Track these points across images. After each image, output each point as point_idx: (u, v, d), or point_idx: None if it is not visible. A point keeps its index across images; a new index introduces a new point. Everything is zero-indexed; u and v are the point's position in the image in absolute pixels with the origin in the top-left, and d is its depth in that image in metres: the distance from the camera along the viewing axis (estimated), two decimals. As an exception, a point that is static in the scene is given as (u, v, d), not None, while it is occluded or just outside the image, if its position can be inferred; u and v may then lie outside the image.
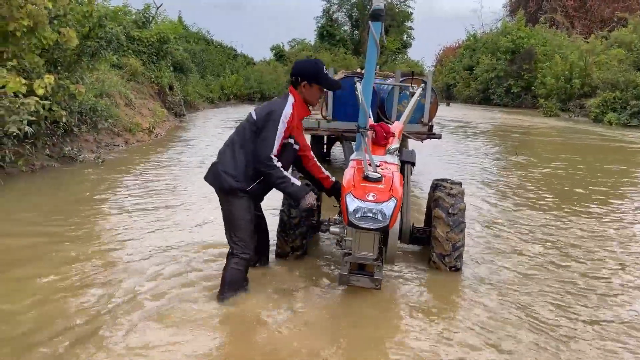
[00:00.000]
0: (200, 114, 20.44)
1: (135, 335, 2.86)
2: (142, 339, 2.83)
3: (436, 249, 3.87)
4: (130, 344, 2.77)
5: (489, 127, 18.73)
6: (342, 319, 3.23)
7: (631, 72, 22.26)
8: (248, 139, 3.43)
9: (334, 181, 3.84)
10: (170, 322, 3.02)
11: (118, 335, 2.85)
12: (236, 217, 3.49)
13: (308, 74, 3.47)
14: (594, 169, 9.55)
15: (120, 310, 3.15)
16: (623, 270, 4.24)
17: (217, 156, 3.55)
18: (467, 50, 41.74)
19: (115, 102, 10.99)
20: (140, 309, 3.18)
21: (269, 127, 3.34)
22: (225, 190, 3.45)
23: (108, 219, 5.15)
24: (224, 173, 3.43)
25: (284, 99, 3.49)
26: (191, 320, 3.06)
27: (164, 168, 8.02)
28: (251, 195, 3.49)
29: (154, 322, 3.02)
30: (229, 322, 3.11)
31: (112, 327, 2.94)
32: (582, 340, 3.03)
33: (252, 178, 3.44)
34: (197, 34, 29.97)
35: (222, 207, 3.57)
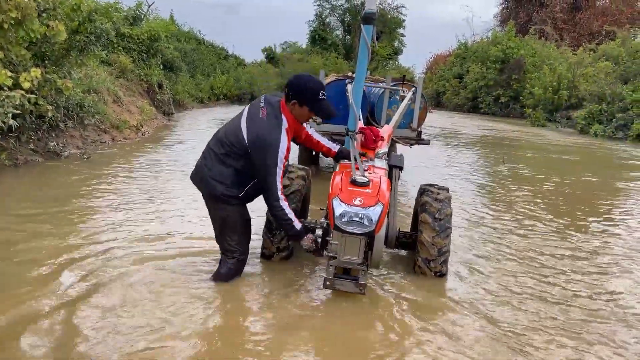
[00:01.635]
0: (190, 113, 20.33)
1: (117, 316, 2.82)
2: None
3: (422, 254, 3.86)
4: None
5: (478, 136, 18.86)
6: (323, 323, 3.21)
7: (617, 85, 22.55)
8: (236, 153, 3.31)
9: (338, 150, 3.84)
10: (151, 313, 2.98)
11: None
12: (232, 223, 3.49)
13: (303, 97, 3.28)
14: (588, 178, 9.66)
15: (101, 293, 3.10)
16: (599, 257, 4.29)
17: (202, 159, 3.49)
18: (457, 58, 42.02)
19: (103, 99, 10.88)
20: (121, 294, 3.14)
21: (270, 171, 3.20)
22: (216, 197, 3.42)
23: (89, 215, 5.08)
24: (212, 180, 3.39)
25: (277, 123, 3.26)
26: (172, 319, 3.02)
27: (149, 166, 7.95)
28: (243, 199, 3.48)
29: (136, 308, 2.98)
30: (210, 322, 3.08)
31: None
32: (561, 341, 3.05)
33: (243, 184, 3.41)
34: (189, 34, 29.82)
35: (214, 212, 3.54)
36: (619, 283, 4.21)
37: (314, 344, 2.93)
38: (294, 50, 45.10)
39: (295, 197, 3.95)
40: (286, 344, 2.87)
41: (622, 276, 4.38)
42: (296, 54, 42.24)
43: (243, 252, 3.60)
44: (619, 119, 20.43)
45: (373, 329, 3.16)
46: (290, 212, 3.38)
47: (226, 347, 2.82)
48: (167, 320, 3.01)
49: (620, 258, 4.86)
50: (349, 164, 3.58)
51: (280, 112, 3.32)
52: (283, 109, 3.33)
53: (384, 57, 45.90)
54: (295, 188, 3.97)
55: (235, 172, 3.37)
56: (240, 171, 3.36)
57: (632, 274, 4.43)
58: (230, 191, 3.39)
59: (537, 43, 35.30)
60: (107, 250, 4.09)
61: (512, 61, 33.10)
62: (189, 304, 3.24)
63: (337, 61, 39.81)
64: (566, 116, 25.53)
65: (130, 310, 3.10)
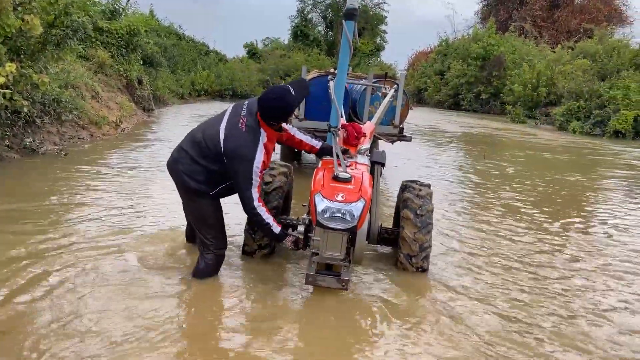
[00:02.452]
0: (170, 109, 20.10)
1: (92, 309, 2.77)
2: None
3: (404, 250, 3.87)
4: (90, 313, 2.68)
5: (459, 133, 19.01)
6: (304, 318, 3.20)
7: (595, 82, 22.93)
8: (211, 157, 3.30)
9: (320, 147, 3.82)
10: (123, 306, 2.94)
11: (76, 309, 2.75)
12: (207, 216, 3.48)
13: (277, 116, 3.28)
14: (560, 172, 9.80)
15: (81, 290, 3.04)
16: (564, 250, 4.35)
17: (177, 152, 3.47)
18: (438, 55, 42.26)
19: (81, 94, 10.67)
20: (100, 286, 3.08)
21: (246, 185, 3.22)
22: (190, 190, 3.41)
23: (65, 212, 4.98)
24: (186, 176, 3.38)
25: (254, 138, 3.23)
26: (147, 315, 2.98)
27: (127, 163, 7.83)
28: (216, 196, 3.47)
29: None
30: (189, 320, 3.04)
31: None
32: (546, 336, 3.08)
33: (216, 183, 3.40)
34: (169, 28, 29.46)
35: (189, 205, 3.54)
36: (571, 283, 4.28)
37: (295, 340, 2.91)
38: (276, 46, 44.82)
39: (277, 194, 3.93)
40: (267, 340, 2.85)
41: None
42: (278, 50, 42.03)
43: (220, 247, 3.57)
44: (596, 116, 20.77)
45: (355, 325, 3.15)
46: (269, 216, 3.38)
47: (205, 344, 2.79)
48: (144, 319, 2.96)
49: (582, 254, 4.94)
50: (331, 160, 3.57)
51: (259, 126, 3.29)
52: (262, 125, 3.31)
53: (366, 54, 45.91)
54: (277, 185, 3.95)
55: (209, 172, 3.36)
56: (214, 172, 3.35)
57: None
58: (203, 187, 3.38)
59: (517, 40, 35.71)
60: (78, 246, 4.02)
61: (492, 58, 33.42)
62: (166, 300, 3.20)
63: (319, 57, 39.69)
64: (545, 113, 25.88)
65: (106, 307, 3.05)
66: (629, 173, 10.53)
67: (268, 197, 3.87)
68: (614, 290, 3.99)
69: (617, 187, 8.83)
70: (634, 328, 3.34)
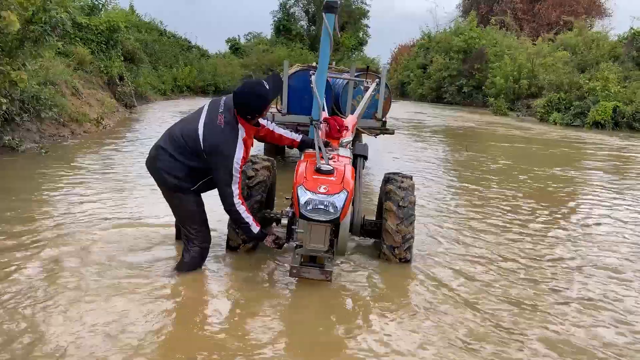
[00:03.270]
0: (152, 105, 19.93)
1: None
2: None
3: (387, 241, 3.91)
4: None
5: (442, 126, 19.14)
6: (290, 312, 3.23)
7: (575, 74, 23.24)
8: (190, 153, 3.32)
9: (301, 140, 3.86)
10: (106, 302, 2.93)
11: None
12: (189, 212, 3.51)
13: (252, 110, 3.30)
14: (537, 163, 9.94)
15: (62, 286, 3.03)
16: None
17: (155, 151, 3.47)
18: (421, 49, 42.45)
19: (61, 91, 10.54)
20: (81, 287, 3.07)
21: (226, 181, 3.25)
22: (171, 187, 3.43)
23: (44, 210, 4.93)
24: (165, 173, 3.39)
25: (233, 134, 3.26)
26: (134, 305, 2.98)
27: (109, 160, 7.77)
28: (197, 191, 3.50)
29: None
30: (174, 314, 3.05)
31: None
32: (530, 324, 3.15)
33: (196, 179, 3.43)
34: (150, 24, 29.15)
35: (170, 202, 3.55)
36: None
37: (280, 333, 2.93)
38: (259, 41, 44.63)
39: (260, 188, 3.94)
40: (252, 333, 2.87)
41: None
42: (261, 45, 41.85)
43: (204, 240, 3.59)
44: (576, 107, 21.07)
45: (339, 315, 3.19)
46: (248, 215, 3.40)
47: (190, 339, 2.79)
48: (127, 314, 2.96)
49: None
50: (314, 152, 3.59)
51: (237, 122, 3.32)
52: (240, 121, 3.34)
53: (349, 48, 45.94)
54: (260, 179, 3.95)
55: (189, 168, 3.38)
56: (193, 168, 3.37)
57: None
58: (183, 184, 3.41)
59: (498, 33, 35.99)
60: (59, 242, 3.99)
61: (474, 51, 33.68)
62: (150, 295, 3.20)
63: (302, 52, 39.63)
64: (526, 105, 26.17)
65: (91, 302, 3.04)
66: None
67: (251, 192, 3.88)
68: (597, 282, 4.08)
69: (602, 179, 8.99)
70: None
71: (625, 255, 4.66)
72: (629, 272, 4.21)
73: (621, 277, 4.09)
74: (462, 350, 2.83)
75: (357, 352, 2.76)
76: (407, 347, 2.83)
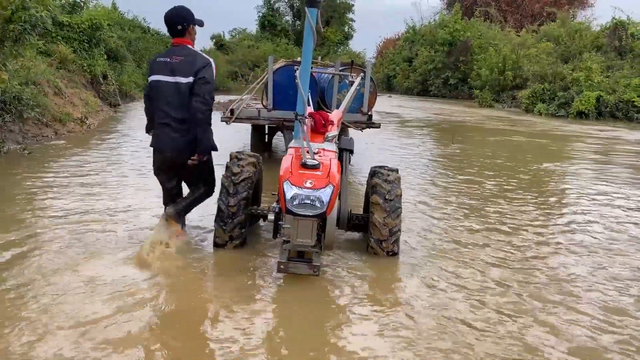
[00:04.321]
0: (137, 104, 19.69)
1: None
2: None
3: (374, 235, 3.92)
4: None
5: (429, 119, 19.21)
6: (278, 304, 3.23)
7: (558, 64, 23.40)
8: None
9: None
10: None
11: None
12: (211, 167, 4.05)
13: (190, 17, 3.82)
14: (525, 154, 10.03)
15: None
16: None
17: (163, 133, 3.82)
18: (406, 42, 42.42)
19: (44, 91, 10.40)
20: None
21: (210, 89, 3.72)
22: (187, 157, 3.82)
23: (27, 211, 4.88)
24: (180, 147, 3.79)
25: (197, 57, 3.74)
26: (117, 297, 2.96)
27: (93, 160, 7.68)
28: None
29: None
30: (162, 309, 3.03)
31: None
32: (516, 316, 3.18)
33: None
34: (133, 22, 28.82)
35: (194, 167, 3.84)
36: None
37: (269, 329, 2.93)
38: (244, 37, 44.37)
39: (246, 185, 3.92)
40: (240, 330, 2.86)
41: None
42: (246, 41, 41.61)
43: (214, 183, 4.17)
44: (560, 98, 21.23)
45: (327, 309, 3.20)
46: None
47: (177, 334, 2.78)
48: (112, 309, 2.94)
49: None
50: (299, 147, 3.59)
51: (195, 51, 3.81)
52: (189, 43, 3.84)
53: (334, 43, 45.84)
54: (245, 175, 3.93)
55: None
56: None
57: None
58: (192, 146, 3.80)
59: (483, 25, 36.08)
60: (33, 243, 3.95)
61: (459, 44, 33.74)
62: (135, 290, 3.19)
63: (287, 47, 39.48)
64: (512, 96, 26.30)
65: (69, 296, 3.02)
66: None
67: (237, 188, 3.87)
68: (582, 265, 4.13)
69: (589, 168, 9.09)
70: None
71: (599, 229, 4.72)
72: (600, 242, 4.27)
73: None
74: (451, 342, 2.85)
75: (346, 346, 2.77)
76: (396, 339, 2.85)
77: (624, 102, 19.36)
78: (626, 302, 3.44)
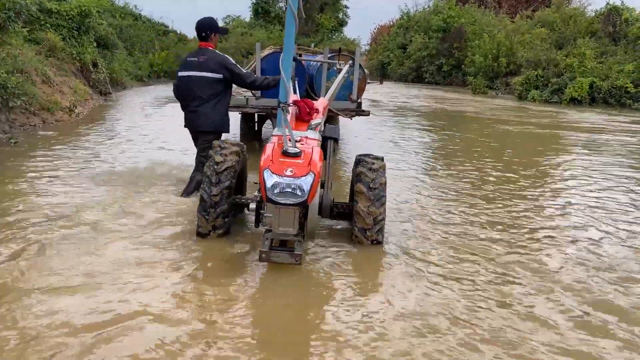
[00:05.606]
0: (129, 92, 19.58)
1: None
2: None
3: (358, 224, 3.90)
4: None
5: (422, 107, 19.16)
6: (261, 293, 3.21)
7: (552, 51, 23.36)
8: (222, 91, 4.89)
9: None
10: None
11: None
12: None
13: (214, 26, 5.05)
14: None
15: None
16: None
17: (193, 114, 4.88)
18: (400, 28, 42.26)
19: (31, 79, 10.27)
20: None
21: (239, 71, 4.91)
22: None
23: (12, 201, 4.83)
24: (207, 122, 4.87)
25: (217, 56, 4.88)
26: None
27: (81, 149, 7.61)
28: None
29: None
30: (144, 301, 3.01)
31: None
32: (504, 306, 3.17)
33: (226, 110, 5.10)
34: (124, 9, 28.52)
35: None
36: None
37: (251, 318, 2.92)
38: (237, 24, 43.96)
39: (229, 174, 3.88)
40: (223, 320, 2.84)
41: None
42: (239, 28, 41.23)
43: None
44: (554, 84, 21.22)
45: (312, 300, 3.19)
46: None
47: (161, 325, 2.76)
48: (96, 302, 2.92)
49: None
50: (281, 135, 3.55)
51: (214, 49, 5.00)
52: (211, 47, 4.98)
53: (328, 29, 45.52)
54: (228, 165, 3.89)
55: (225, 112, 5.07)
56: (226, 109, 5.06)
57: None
58: (226, 118, 5.08)
59: (477, 11, 35.92)
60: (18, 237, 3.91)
61: (453, 30, 33.60)
62: (115, 282, 3.16)
63: (281, 34, 39.08)
64: (505, 83, 26.26)
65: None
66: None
67: (219, 177, 3.83)
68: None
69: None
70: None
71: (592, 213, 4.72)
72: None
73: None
74: (435, 328, 2.84)
75: (332, 335, 2.76)
76: (378, 328, 2.84)
77: (616, 88, 19.36)
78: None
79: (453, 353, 2.63)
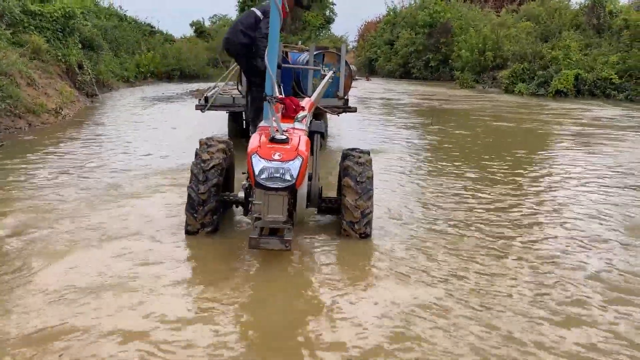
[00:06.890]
0: (115, 93, 19.43)
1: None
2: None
3: (346, 217, 3.92)
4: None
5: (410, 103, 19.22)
6: (251, 290, 3.22)
7: (538, 44, 23.49)
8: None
9: None
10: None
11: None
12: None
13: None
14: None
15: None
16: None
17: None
18: (387, 24, 42.30)
19: (15, 82, 10.16)
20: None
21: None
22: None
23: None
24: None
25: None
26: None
27: (68, 151, 7.57)
28: None
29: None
30: (135, 298, 3.01)
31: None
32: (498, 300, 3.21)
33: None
34: (109, 10, 28.26)
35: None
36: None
37: (243, 313, 2.93)
38: (224, 23, 43.80)
39: (216, 171, 3.88)
40: (213, 313, 2.85)
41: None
42: (226, 27, 41.04)
43: None
44: (540, 77, 21.35)
45: (302, 294, 3.20)
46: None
47: (153, 319, 2.76)
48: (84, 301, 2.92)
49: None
50: (268, 126, 3.59)
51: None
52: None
53: (316, 27, 45.48)
54: (215, 162, 3.90)
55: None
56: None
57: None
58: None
59: (463, 6, 36.04)
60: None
61: (439, 25, 33.68)
62: (103, 276, 3.16)
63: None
64: (492, 77, 26.38)
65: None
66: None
67: (207, 175, 3.83)
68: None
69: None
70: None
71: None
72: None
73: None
74: (423, 320, 2.87)
75: (323, 328, 2.77)
76: (368, 320, 2.86)
77: (602, 80, 19.52)
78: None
79: (442, 349, 2.66)
